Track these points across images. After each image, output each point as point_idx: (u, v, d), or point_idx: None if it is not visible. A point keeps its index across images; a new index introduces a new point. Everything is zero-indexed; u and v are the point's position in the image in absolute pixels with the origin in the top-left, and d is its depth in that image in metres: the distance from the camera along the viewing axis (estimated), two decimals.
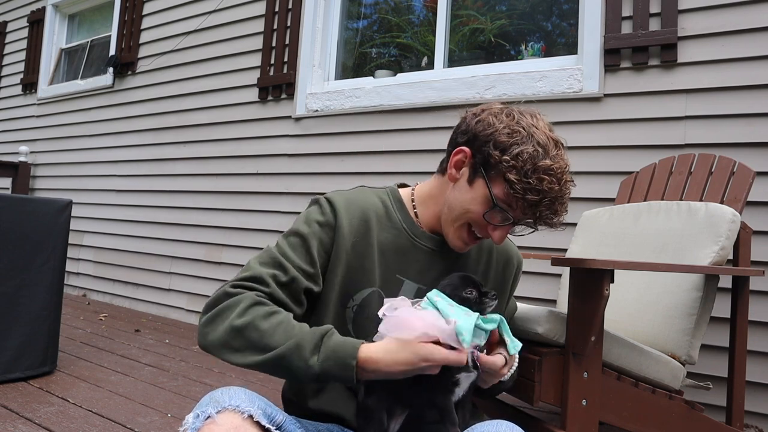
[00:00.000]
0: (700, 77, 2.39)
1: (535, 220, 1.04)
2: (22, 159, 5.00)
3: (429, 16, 3.50)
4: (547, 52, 3.02)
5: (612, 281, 1.30)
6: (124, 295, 4.46)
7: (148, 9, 4.69)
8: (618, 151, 2.54)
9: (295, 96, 3.63)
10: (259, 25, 3.87)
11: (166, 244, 4.22)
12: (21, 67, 5.87)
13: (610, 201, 2.38)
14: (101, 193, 4.79)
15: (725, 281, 1.85)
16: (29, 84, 5.69)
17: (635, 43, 2.50)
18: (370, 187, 1.18)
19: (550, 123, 1.06)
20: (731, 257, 1.79)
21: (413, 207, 1.14)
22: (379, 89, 3.28)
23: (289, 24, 3.71)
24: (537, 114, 1.05)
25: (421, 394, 0.98)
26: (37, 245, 2.33)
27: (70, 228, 2.51)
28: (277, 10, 3.77)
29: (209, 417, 0.82)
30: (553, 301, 2.37)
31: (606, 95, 2.58)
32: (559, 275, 2.30)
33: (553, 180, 0.98)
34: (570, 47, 2.90)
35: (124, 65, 4.74)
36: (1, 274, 2.23)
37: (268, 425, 0.86)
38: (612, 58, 2.57)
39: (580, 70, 2.65)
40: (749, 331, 1.82)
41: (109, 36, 5.04)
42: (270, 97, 3.76)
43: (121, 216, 4.58)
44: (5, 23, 6.20)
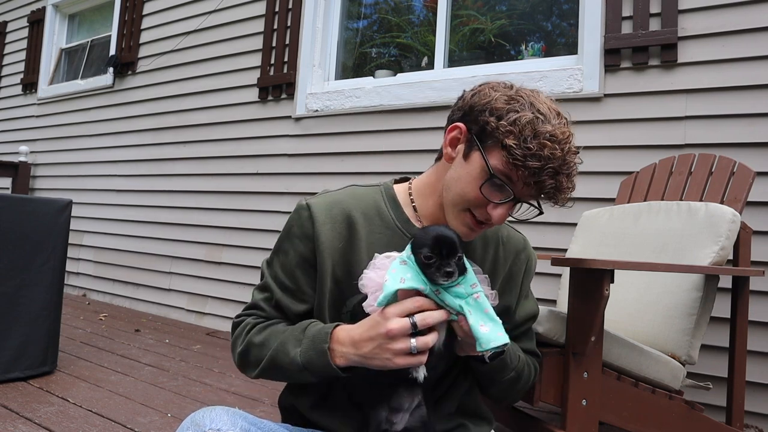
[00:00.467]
0: (701, 77, 2.39)
1: (539, 194, 0.94)
2: (22, 159, 5.00)
3: (429, 16, 3.50)
4: (547, 52, 3.02)
5: (612, 281, 1.30)
6: (124, 295, 4.46)
7: (148, 9, 4.69)
8: (618, 151, 2.54)
9: (295, 96, 3.63)
10: (259, 25, 3.87)
11: (166, 244, 4.22)
12: (21, 67, 5.87)
13: (610, 201, 2.38)
14: (101, 193, 4.79)
15: (725, 281, 1.85)
16: (29, 84, 5.69)
17: (635, 43, 2.50)
18: (362, 186, 1.09)
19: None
20: (731, 257, 1.79)
21: (411, 202, 1.06)
22: (379, 89, 3.28)
23: (289, 24, 3.71)
24: (539, 90, 0.97)
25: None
26: (37, 245, 2.33)
27: (70, 228, 2.51)
28: (277, 10, 3.77)
29: None
30: (553, 301, 2.37)
31: (606, 95, 2.58)
32: (559, 275, 2.30)
33: (555, 147, 0.88)
34: (570, 47, 2.90)
35: (124, 65, 4.74)
36: (1, 274, 2.23)
37: None
38: (612, 58, 2.57)
39: (580, 70, 2.65)
40: (749, 331, 1.82)
41: (109, 36, 5.04)
42: (270, 97, 3.76)
43: (121, 216, 4.58)
44: (5, 23, 6.20)
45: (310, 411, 1.03)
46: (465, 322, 0.86)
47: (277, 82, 3.69)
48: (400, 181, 1.13)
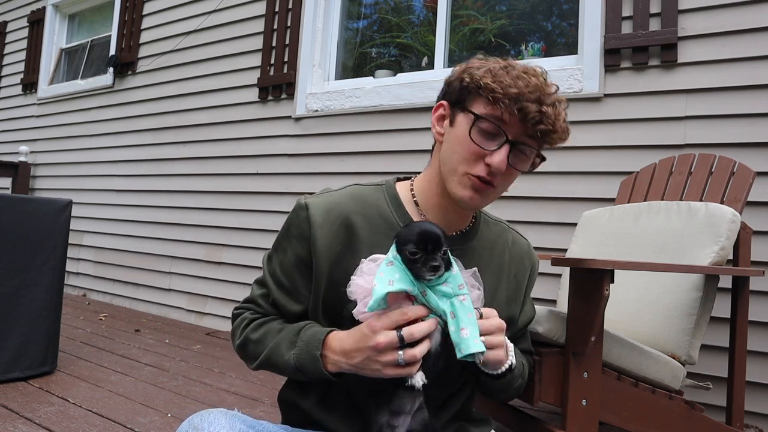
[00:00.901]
0: (701, 77, 2.39)
1: (528, 127, 0.92)
2: (22, 159, 5.00)
3: (429, 16, 3.50)
4: (547, 52, 3.02)
5: (612, 281, 1.30)
6: (124, 295, 4.46)
7: (148, 9, 4.69)
8: (618, 151, 2.54)
9: (295, 96, 3.63)
10: (259, 25, 3.87)
11: (166, 244, 4.22)
12: (21, 67, 5.87)
13: (610, 201, 2.38)
14: (101, 193, 4.79)
15: (725, 281, 1.85)
16: (29, 84, 5.69)
17: (635, 43, 2.50)
18: (364, 184, 1.08)
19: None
20: (731, 257, 1.79)
21: (413, 198, 1.05)
22: (379, 89, 3.28)
23: (289, 24, 3.71)
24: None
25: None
26: (37, 245, 2.33)
27: (70, 228, 2.51)
28: (277, 10, 3.77)
29: None
30: (553, 301, 2.37)
31: (606, 95, 2.58)
32: (559, 275, 2.30)
33: (530, 78, 0.92)
34: (570, 47, 2.90)
35: (124, 65, 4.74)
36: (1, 274, 2.23)
37: None
38: (612, 58, 2.57)
39: (580, 70, 2.65)
40: (749, 331, 1.82)
41: (109, 36, 5.04)
42: (270, 97, 3.76)
43: (121, 216, 4.58)
44: (5, 23, 6.20)
45: (312, 408, 1.02)
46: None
47: (277, 82, 3.69)
48: (403, 179, 1.12)
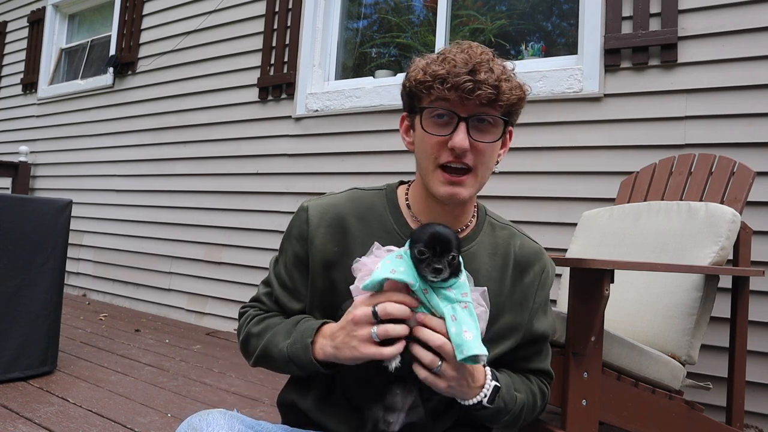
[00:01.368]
0: (701, 77, 2.39)
1: (472, 97, 0.90)
2: (22, 159, 5.00)
3: (429, 16, 3.50)
4: (547, 52, 3.02)
5: (612, 281, 1.30)
6: (124, 295, 4.46)
7: (148, 9, 4.69)
8: (618, 151, 2.54)
9: (295, 96, 3.63)
10: (259, 25, 3.87)
11: (166, 244, 4.22)
12: (21, 67, 5.87)
13: (610, 201, 2.38)
14: (101, 193, 4.79)
15: (725, 281, 1.85)
16: (29, 84, 5.70)
17: (635, 43, 2.50)
18: (364, 188, 1.09)
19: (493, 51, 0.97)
20: (731, 257, 1.79)
21: (406, 201, 1.06)
22: (379, 89, 3.28)
23: (289, 24, 3.71)
24: (477, 45, 0.97)
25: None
26: (37, 245, 2.33)
27: (70, 228, 2.51)
28: (277, 10, 3.77)
29: None
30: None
31: (606, 95, 2.58)
32: (559, 275, 2.30)
33: (456, 54, 0.93)
34: (570, 47, 2.90)
35: (124, 65, 4.74)
36: (1, 274, 2.23)
37: None
38: (612, 58, 2.57)
39: (580, 70, 2.65)
40: (749, 331, 1.82)
41: (109, 36, 5.04)
42: (270, 97, 3.76)
43: (121, 216, 4.58)
44: (5, 23, 6.20)
45: (312, 409, 1.02)
46: (442, 326, 0.84)
47: (277, 82, 3.69)
48: (406, 182, 1.12)
